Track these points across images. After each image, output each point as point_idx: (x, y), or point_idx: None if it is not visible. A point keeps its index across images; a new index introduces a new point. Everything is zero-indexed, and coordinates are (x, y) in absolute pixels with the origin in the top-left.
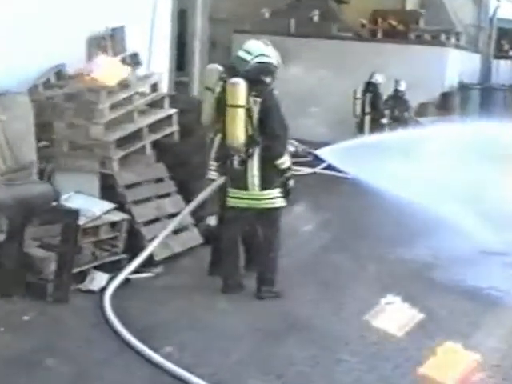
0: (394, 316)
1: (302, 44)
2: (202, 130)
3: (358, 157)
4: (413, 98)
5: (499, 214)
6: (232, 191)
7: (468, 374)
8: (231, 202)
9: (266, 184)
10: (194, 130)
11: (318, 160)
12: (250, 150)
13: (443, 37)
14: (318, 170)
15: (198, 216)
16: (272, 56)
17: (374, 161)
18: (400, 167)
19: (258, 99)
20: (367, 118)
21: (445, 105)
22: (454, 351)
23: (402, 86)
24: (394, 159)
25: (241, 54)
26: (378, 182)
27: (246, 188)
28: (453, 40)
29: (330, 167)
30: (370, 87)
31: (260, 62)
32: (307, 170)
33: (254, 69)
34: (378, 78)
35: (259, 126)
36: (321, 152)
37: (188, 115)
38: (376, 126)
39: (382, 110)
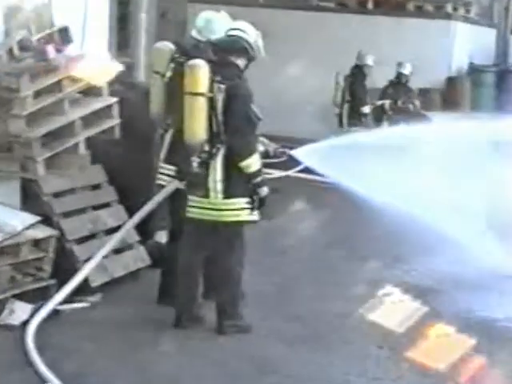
0: (394, 309)
1: (273, 17)
2: (150, 124)
3: (341, 158)
4: (411, 84)
5: None
6: (191, 199)
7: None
8: (190, 213)
9: (231, 191)
10: (139, 123)
11: (293, 161)
12: (213, 150)
13: (449, 7)
14: (291, 173)
15: (144, 231)
16: (249, 32)
17: (360, 163)
18: (393, 172)
19: (223, 86)
20: (345, 108)
21: (452, 92)
22: (447, 335)
23: (407, 70)
24: (386, 162)
25: (201, 28)
26: (365, 189)
27: (207, 195)
28: (461, 11)
29: (306, 170)
30: (357, 71)
31: (230, 36)
32: (278, 174)
33: (221, 46)
34: (367, 60)
35: (225, 120)
36: (296, 152)
37: (132, 106)
38: (355, 117)
39: (362, 96)
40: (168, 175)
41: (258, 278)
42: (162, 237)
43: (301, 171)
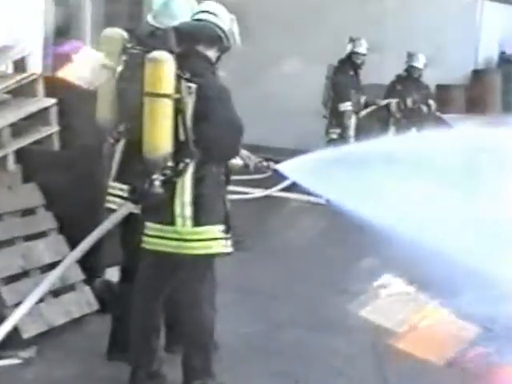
0: (392, 304)
1: None
2: (97, 133)
3: (336, 173)
4: (426, 80)
5: None
6: (150, 227)
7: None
8: (148, 244)
9: (202, 217)
10: (83, 131)
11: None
12: (181, 165)
13: None
14: (274, 191)
15: (90, 267)
16: (221, 15)
17: (359, 180)
18: (401, 191)
19: (193, 85)
20: (329, 108)
21: (478, 89)
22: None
23: (420, 62)
24: (392, 178)
25: (158, 12)
26: (364, 211)
27: (172, 222)
28: None
29: (294, 187)
30: (346, 61)
31: (198, 20)
32: (258, 193)
33: (187, 34)
34: (358, 46)
35: (195, 128)
36: (283, 166)
37: (74, 108)
38: (336, 119)
39: (343, 91)
40: (120, 196)
41: (235, 324)
42: (112, 274)
43: (287, 189)
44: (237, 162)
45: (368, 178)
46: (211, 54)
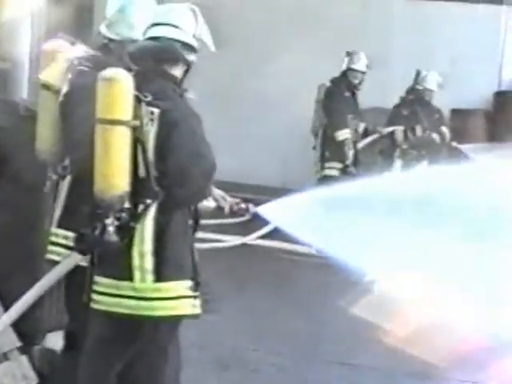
0: (384, 299)
1: None
2: (37, 168)
3: (327, 219)
4: (440, 102)
5: None
6: (101, 283)
7: None
8: (98, 304)
9: (166, 270)
10: (19, 166)
11: (259, 221)
12: (140, 207)
13: None
14: (253, 239)
15: (27, 333)
16: (184, 24)
17: (355, 227)
18: (405, 238)
19: (156, 110)
20: (320, 136)
21: (502, 114)
22: None
23: (432, 82)
24: (394, 227)
25: (116, 19)
26: (360, 265)
27: (129, 277)
28: None
29: (277, 234)
30: (341, 80)
31: (156, 39)
32: (233, 241)
33: (146, 50)
34: (355, 62)
35: (158, 162)
36: (265, 209)
37: (8, 138)
38: (331, 150)
39: (338, 116)
40: (64, 246)
41: None
42: (54, 341)
43: (269, 236)
44: (208, 203)
45: (366, 225)
46: (177, 72)
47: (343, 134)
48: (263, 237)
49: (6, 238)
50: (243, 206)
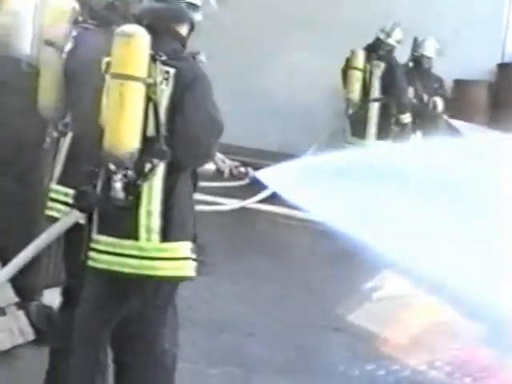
0: (382, 307)
1: None
2: (38, 124)
3: (329, 184)
4: (443, 72)
5: None
6: (101, 241)
7: None
8: (97, 262)
9: (172, 231)
10: (20, 122)
11: (258, 185)
12: (148, 165)
13: None
14: (251, 202)
15: (25, 288)
16: None
17: (348, 193)
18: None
19: (172, 70)
20: (374, 110)
21: (504, 86)
22: None
23: (430, 49)
24: (385, 195)
25: None
26: (364, 233)
27: (134, 236)
28: None
29: (275, 199)
30: (380, 51)
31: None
32: (231, 205)
33: (153, 9)
34: (399, 36)
35: (169, 122)
36: (264, 174)
37: (9, 93)
38: (392, 127)
39: (403, 96)
40: (64, 203)
41: (201, 366)
42: (52, 297)
43: (267, 200)
44: (208, 166)
45: (358, 193)
46: (184, 32)
47: (407, 118)
48: (262, 201)
49: (6, 195)
50: (242, 169)
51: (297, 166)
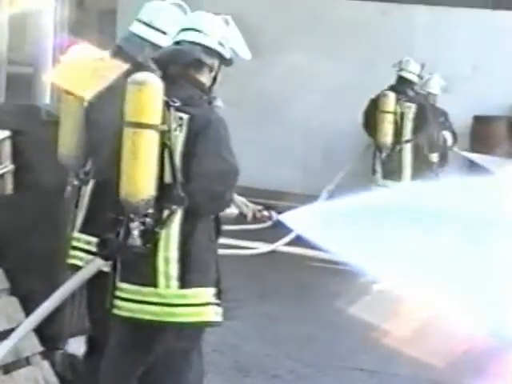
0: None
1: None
2: (59, 173)
3: (354, 225)
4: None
5: None
6: (123, 289)
7: None
8: (120, 310)
9: (191, 277)
10: (42, 171)
11: (282, 229)
12: (166, 213)
13: None
14: (279, 246)
15: (49, 337)
16: (210, 30)
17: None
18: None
19: (185, 116)
20: (407, 151)
21: None
22: None
23: (434, 86)
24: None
25: (142, 27)
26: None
27: (153, 283)
28: None
29: (298, 240)
30: (407, 90)
31: (179, 43)
32: (260, 248)
33: (166, 54)
34: (416, 70)
35: (185, 168)
36: (288, 217)
37: (32, 143)
38: (423, 168)
39: (433, 136)
40: (86, 251)
41: None
42: (76, 346)
43: (292, 243)
44: (231, 210)
45: (385, 235)
46: (204, 78)
47: (436, 157)
48: (286, 244)
49: (30, 243)
50: (266, 213)
51: (321, 208)
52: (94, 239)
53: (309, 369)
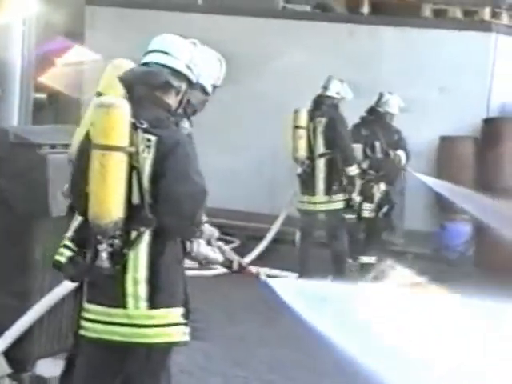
0: None
1: (216, 25)
2: (28, 194)
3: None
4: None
5: None
6: (91, 310)
7: None
8: (88, 331)
9: (160, 297)
10: (8, 193)
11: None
12: (134, 234)
13: (487, 13)
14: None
15: (18, 359)
16: (179, 53)
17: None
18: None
19: (153, 137)
20: (320, 166)
21: (491, 143)
22: None
23: (393, 106)
24: None
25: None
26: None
27: (121, 304)
28: (505, 19)
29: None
30: (323, 106)
31: (146, 64)
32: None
33: (133, 74)
34: (335, 88)
35: (152, 188)
36: (276, 283)
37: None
38: (336, 184)
39: (348, 148)
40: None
41: None
42: (45, 368)
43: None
44: (216, 256)
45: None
46: (171, 101)
47: (354, 170)
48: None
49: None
50: (253, 271)
51: (313, 285)
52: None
53: None
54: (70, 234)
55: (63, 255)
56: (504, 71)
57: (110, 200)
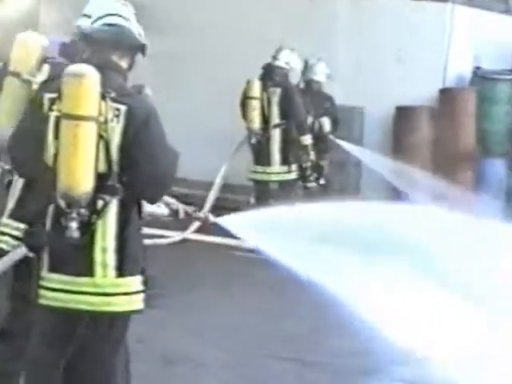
0: None
1: None
2: None
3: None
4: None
5: None
6: (53, 279)
7: None
8: (50, 300)
9: (126, 266)
10: None
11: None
12: (100, 203)
13: None
14: (190, 234)
15: None
16: (131, 17)
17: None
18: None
19: (123, 107)
20: (275, 136)
21: (447, 112)
22: None
23: (319, 74)
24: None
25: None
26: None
27: (89, 273)
28: None
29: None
30: (274, 76)
31: (109, 25)
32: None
33: (100, 41)
34: (286, 58)
35: (121, 158)
36: (226, 220)
37: None
38: (291, 155)
39: (302, 117)
40: (14, 237)
41: None
42: None
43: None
44: (162, 210)
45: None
46: (124, 64)
47: (307, 139)
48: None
49: None
50: (200, 215)
51: (262, 214)
52: (23, 225)
53: (234, 358)
54: (7, 216)
55: (2, 242)
56: (460, 41)
57: (82, 170)
